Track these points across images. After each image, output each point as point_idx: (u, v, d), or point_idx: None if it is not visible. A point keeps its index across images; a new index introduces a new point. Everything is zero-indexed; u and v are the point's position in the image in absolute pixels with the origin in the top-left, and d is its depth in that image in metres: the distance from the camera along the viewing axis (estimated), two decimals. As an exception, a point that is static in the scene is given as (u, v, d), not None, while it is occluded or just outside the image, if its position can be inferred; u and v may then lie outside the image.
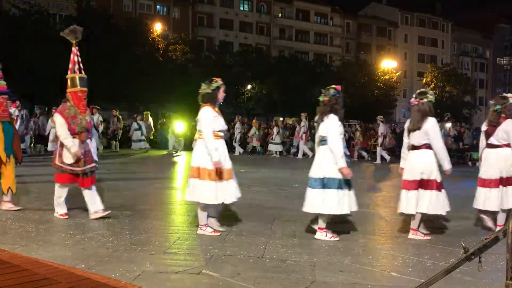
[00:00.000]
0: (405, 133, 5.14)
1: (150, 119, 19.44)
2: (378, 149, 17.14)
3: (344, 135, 18.26)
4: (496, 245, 2.48)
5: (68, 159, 5.17)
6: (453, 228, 5.51)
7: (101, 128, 16.59)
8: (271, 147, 18.86)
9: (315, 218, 4.85)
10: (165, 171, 11.73)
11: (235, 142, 18.48)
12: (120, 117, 19.08)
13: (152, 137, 19.75)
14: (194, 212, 6.02)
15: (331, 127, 4.68)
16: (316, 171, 4.80)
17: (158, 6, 43.73)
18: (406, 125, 5.12)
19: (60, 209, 5.36)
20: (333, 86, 4.99)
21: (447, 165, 4.88)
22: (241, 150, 18.69)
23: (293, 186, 9.09)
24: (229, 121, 21.94)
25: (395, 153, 19.36)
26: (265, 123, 27.95)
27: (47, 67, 24.83)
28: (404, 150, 5.17)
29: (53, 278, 3.09)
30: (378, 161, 16.82)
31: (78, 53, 5.88)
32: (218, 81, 4.98)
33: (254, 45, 45.49)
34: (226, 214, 5.85)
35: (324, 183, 4.69)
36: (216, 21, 46.82)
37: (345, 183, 4.70)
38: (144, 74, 28.12)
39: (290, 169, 13.05)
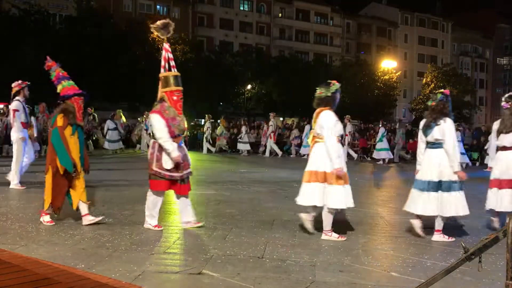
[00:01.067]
0: (493, 134, 5.48)
1: (123, 118, 18.76)
2: (345, 147, 17.54)
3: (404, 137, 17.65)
4: (496, 245, 2.48)
5: (167, 164, 4.72)
6: (453, 228, 5.50)
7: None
8: (240, 146, 18.92)
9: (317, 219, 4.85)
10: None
11: (206, 141, 18.45)
12: (96, 115, 18.50)
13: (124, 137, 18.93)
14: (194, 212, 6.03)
15: (449, 130, 4.78)
16: (431, 173, 4.82)
17: (158, 6, 43.74)
18: (495, 127, 5.48)
19: (153, 221, 4.93)
20: (441, 90, 5.14)
21: None
22: (213, 149, 18.71)
23: (293, 186, 9.08)
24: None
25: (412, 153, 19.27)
26: (265, 123, 27.93)
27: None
28: (491, 150, 5.53)
29: (53, 278, 3.09)
30: (355, 157, 17.69)
31: (170, 50, 5.43)
32: (336, 84, 4.88)
33: (254, 45, 45.50)
34: (226, 214, 5.86)
35: (442, 186, 4.77)
36: (216, 21, 46.83)
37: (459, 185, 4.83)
38: (144, 74, 28.13)
39: (290, 169, 13.05)
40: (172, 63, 5.32)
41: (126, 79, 27.34)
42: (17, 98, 7.64)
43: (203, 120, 19.48)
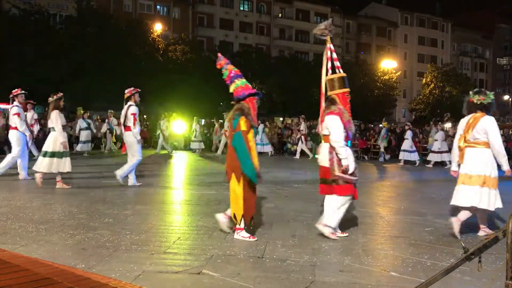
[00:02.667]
0: None
1: (114, 119, 17.35)
2: (300, 145, 17.82)
3: (387, 136, 17.95)
4: (496, 245, 2.48)
5: (350, 168, 4.65)
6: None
7: (36, 127, 14.81)
8: (193, 145, 18.76)
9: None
10: (164, 171, 11.73)
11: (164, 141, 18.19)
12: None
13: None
14: (193, 212, 6.04)
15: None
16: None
17: (158, 6, 43.74)
18: None
19: (337, 225, 4.79)
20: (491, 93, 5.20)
21: None
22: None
23: (293, 186, 9.09)
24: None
25: (395, 153, 19.42)
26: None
27: (47, 67, 24.84)
28: None
29: (53, 278, 3.09)
30: (297, 156, 17.59)
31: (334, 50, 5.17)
32: (491, 92, 5.17)
33: (254, 45, 45.48)
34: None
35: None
36: (216, 21, 46.82)
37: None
38: (144, 74, 28.14)
39: (290, 169, 13.05)
40: (337, 63, 5.11)
41: (126, 79, 27.34)
42: (15, 104, 8.65)
43: (203, 120, 19.49)
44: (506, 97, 63.57)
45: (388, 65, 43.91)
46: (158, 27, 32.94)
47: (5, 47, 24.37)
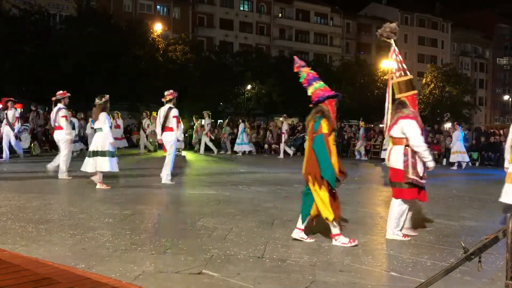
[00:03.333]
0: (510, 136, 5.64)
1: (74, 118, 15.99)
2: (282, 145, 17.91)
3: (344, 134, 18.37)
4: (496, 245, 2.48)
5: (421, 171, 4.65)
6: (453, 228, 5.51)
7: (17, 125, 14.31)
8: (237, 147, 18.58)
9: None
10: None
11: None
12: (41, 112, 17.11)
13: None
14: (193, 212, 6.04)
15: None
16: None
17: (158, 6, 43.74)
18: None
19: (399, 230, 4.80)
20: None
21: None
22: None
23: (293, 186, 9.09)
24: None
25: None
26: (264, 123, 27.99)
27: (47, 67, 24.85)
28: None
29: (53, 278, 3.09)
30: (281, 155, 17.65)
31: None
32: None
33: (254, 45, 45.49)
34: (226, 214, 5.86)
35: None
36: (216, 21, 46.83)
37: None
38: (144, 74, 28.13)
39: (290, 169, 13.06)
40: (405, 65, 5.12)
41: (126, 79, 27.36)
42: (61, 106, 9.14)
43: (203, 120, 19.37)
44: (506, 97, 63.55)
45: (388, 65, 43.87)
46: (158, 27, 32.95)
47: (5, 47, 24.37)
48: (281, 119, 18.37)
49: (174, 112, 8.62)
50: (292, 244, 4.47)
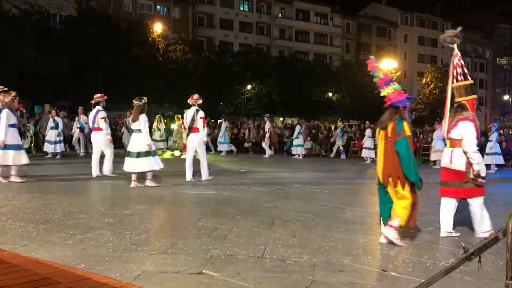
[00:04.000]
0: None
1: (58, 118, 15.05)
2: (264, 143, 18.14)
3: (343, 135, 18.31)
4: (496, 245, 2.48)
5: (483, 171, 4.79)
6: (453, 228, 5.50)
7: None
8: (157, 144, 18.40)
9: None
10: (164, 171, 11.71)
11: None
12: (24, 111, 16.81)
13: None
14: (193, 212, 6.04)
15: None
16: None
17: (158, 6, 43.75)
18: None
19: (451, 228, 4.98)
20: None
21: None
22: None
23: (293, 186, 9.09)
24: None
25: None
26: (264, 123, 27.85)
27: (47, 67, 24.85)
28: None
29: (53, 278, 3.09)
30: (267, 155, 17.85)
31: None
32: None
33: (254, 45, 45.51)
34: (226, 214, 5.86)
35: None
36: (216, 21, 46.83)
37: None
38: (144, 74, 28.13)
39: (290, 169, 13.06)
40: (466, 70, 5.21)
41: (126, 79, 27.37)
42: (99, 108, 9.58)
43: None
44: (506, 97, 63.56)
45: (388, 65, 43.92)
46: (158, 27, 32.96)
47: (5, 47, 24.37)
48: (264, 119, 18.59)
49: (201, 114, 9.18)
50: (292, 244, 4.47)
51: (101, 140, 9.42)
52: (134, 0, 42.17)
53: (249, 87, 36.77)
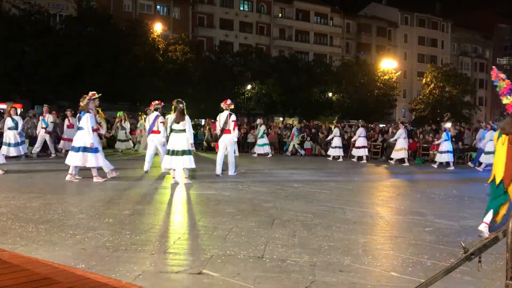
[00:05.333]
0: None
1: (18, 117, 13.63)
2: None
3: (343, 135, 18.35)
4: (496, 245, 2.48)
5: None
6: (453, 228, 5.51)
7: (51, 126, 14.98)
8: (118, 145, 17.66)
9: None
10: (163, 171, 11.72)
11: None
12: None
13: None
14: (193, 212, 6.04)
15: None
16: None
17: (158, 6, 43.74)
18: None
19: None
20: None
21: None
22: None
23: (293, 186, 9.09)
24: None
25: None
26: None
27: (47, 67, 24.85)
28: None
29: (53, 278, 3.09)
30: (236, 153, 17.77)
31: None
32: None
33: (254, 45, 45.51)
34: (226, 214, 5.86)
35: None
36: (216, 21, 46.82)
37: None
38: (144, 74, 28.13)
39: (290, 169, 13.06)
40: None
41: (126, 79, 27.37)
42: (157, 113, 10.62)
43: (203, 120, 19.34)
44: (506, 97, 63.41)
45: (388, 65, 43.92)
46: (158, 27, 32.95)
47: (5, 47, 24.37)
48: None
49: (233, 117, 10.38)
50: (292, 244, 4.47)
51: (158, 140, 10.40)
52: (134, 0, 42.17)
53: (249, 87, 36.76)
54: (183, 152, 8.79)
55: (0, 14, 26.57)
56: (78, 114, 8.95)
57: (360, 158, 16.98)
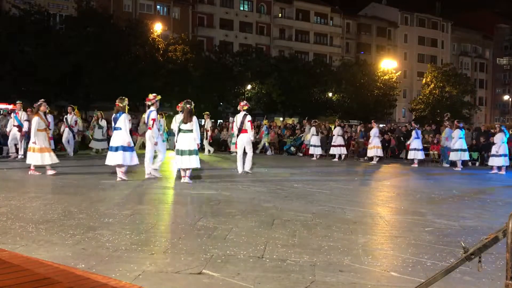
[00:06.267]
0: None
1: None
2: (205, 141, 18.14)
3: (344, 135, 18.47)
4: (496, 245, 2.48)
5: None
6: (453, 228, 5.51)
7: (76, 128, 15.70)
8: (93, 144, 17.11)
9: None
10: (163, 171, 11.72)
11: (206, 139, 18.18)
12: None
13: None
14: (193, 212, 6.04)
15: None
16: None
17: (158, 6, 43.75)
18: None
19: None
20: None
21: None
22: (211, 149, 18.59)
23: (293, 186, 9.09)
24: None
25: (394, 152, 19.41)
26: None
27: (47, 67, 24.85)
28: None
29: (53, 278, 3.09)
30: (206, 153, 17.95)
31: None
32: None
33: (254, 45, 45.52)
34: (226, 214, 5.86)
35: None
36: (216, 21, 46.84)
37: None
38: (144, 74, 28.13)
39: (290, 169, 13.06)
40: None
41: (126, 79, 27.37)
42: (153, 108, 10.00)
43: (203, 120, 19.28)
44: (506, 97, 63.54)
45: (388, 65, 43.92)
46: (158, 27, 32.95)
47: (5, 47, 24.37)
48: (205, 117, 18.65)
49: (249, 118, 10.95)
50: (292, 244, 4.47)
51: (148, 137, 10.16)
52: (134, 0, 42.18)
53: (249, 87, 36.76)
54: (190, 152, 8.98)
55: (0, 14, 26.57)
56: (114, 115, 9.20)
57: (371, 158, 16.98)
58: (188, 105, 9.10)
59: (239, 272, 3.59)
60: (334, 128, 18.27)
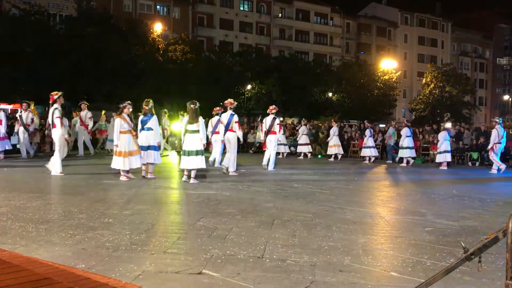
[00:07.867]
0: None
1: None
2: (163, 140, 17.88)
3: (343, 135, 18.55)
4: (496, 245, 2.48)
5: None
6: (453, 228, 5.51)
7: (91, 124, 15.64)
8: (109, 145, 16.72)
9: None
10: (163, 171, 11.73)
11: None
12: None
13: None
14: (193, 212, 6.04)
15: None
16: None
17: (158, 6, 43.77)
18: None
19: None
20: None
21: None
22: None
23: (293, 186, 9.09)
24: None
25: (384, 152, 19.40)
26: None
27: (47, 67, 24.84)
28: None
29: (53, 278, 3.08)
30: (161, 151, 17.81)
31: None
32: None
33: (254, 45, 45.53)
34: (226, 214, 5.86)
35: None
36: (216, 21, 46.85)
37: None
38: (144, 74, 28.12)
39: (290, 169, 13.06)
40: None
41: (126, 79, 27.36)
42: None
43: (162, 119, 19.04)
44: (506, 97, 63.55)
45: (388, 65, 43.93)
46: (158, 27, 32.95)
47: (5, 47, 24.36)
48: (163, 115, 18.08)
49: (277, 120, 12.11)
50: (292, 244, 4.47)
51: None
52: (134, 0, 42.18)
53: (249, 87, 36.75)
54: (197, 153, 9.03)
55: (0, 14, 26.56)
56: (140, 116, 9.71)
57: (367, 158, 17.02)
58: (192, 105, 9.12)
59: (239, 272, 3.59)
60: (331, 128, 18.36)
